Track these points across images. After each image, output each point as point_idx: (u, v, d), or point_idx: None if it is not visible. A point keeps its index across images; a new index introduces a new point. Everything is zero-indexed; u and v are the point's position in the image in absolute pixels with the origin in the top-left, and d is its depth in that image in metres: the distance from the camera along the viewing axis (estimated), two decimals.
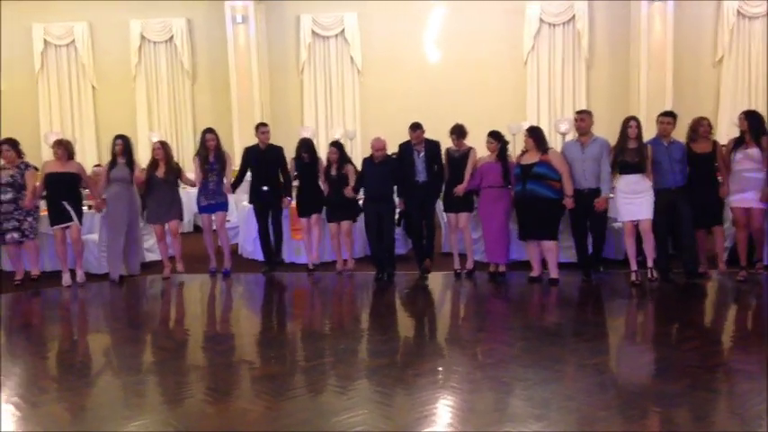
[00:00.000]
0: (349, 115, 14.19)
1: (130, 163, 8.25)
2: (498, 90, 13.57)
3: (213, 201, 8.39)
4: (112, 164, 8.22)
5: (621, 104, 12.77)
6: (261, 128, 8.55)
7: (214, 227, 8.53)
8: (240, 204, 9.67)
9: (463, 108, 12.29)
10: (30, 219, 8.10)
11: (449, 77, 13.41)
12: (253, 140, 8.68)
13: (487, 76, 13.53)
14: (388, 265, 7.97)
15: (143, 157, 10.80)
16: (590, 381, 4.61)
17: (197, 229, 10.98)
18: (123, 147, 8.21)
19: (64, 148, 8.12)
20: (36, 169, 8.28)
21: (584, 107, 13.40)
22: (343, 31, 14.08)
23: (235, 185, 8.64)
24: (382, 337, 5.99)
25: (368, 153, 8.23)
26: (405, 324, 6.71)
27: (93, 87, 14.77)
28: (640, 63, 12.81)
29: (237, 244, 9.65)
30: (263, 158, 8.44)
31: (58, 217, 8.05)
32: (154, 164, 8.25)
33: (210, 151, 8.31)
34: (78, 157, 11.77)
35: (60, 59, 14.74)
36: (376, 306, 7.35)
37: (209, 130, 8.41)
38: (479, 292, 7.63)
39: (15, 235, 8.02)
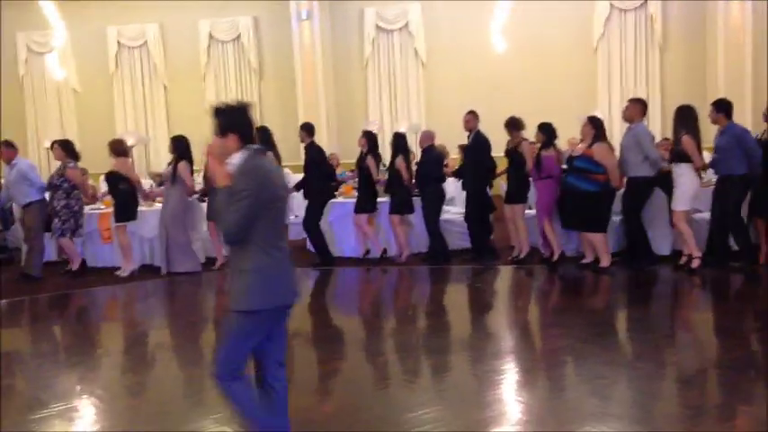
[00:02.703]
0: (414, 108, 14.12)
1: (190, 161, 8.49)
2: (567, 78, 13.21)
3: None
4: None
5: (698, 90, 12.22)
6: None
7: None
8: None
9: (530, 98, 12.07)
10: (57, 218, 8.34)
11: (515, 67, 13.14)
12: (318, 136, 8.77)
13: (556, 65, 13.19)
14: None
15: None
16: (671, 378, 4.44)
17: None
18: (172, 147, 8.47)
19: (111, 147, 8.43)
20: (77, 167, 8.51)
21: (657, 94, 12.98)
22: (407, 23, 13.99)
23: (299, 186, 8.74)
24: (453, 331, 5.94)
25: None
26: (474, 318, 6.63)
27: (164, 87, 15.15)
28: (717, 46, 12.24)
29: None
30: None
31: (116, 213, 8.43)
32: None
33: None
34: (152, 156, 12.24)
35: (133, 60, 15.18)
36: (443, 299, 7.33)
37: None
38: (539, 284, 7.57)
39: (65, 231, 8.33)
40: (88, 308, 7.67)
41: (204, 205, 8.64)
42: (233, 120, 3.06)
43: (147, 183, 9.92)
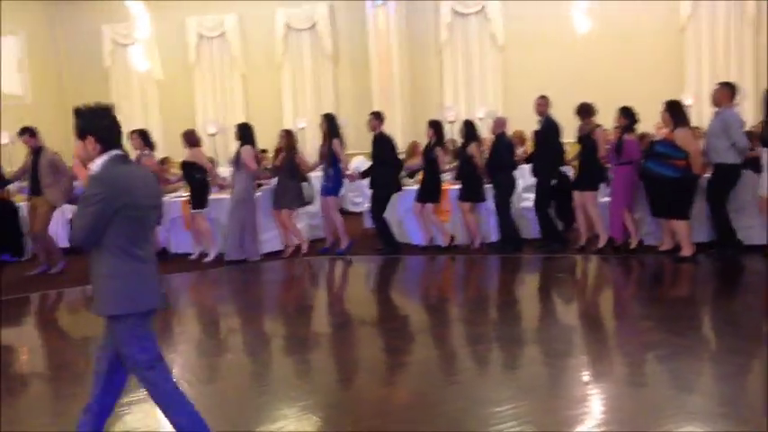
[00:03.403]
0: (490, 94, 13.84)
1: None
2: (652, 62, 12.66)
3: (327, 184, 8.64)
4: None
5: None
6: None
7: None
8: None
9: (613, 82, 11.64)
10: None
11: (597, 50, 12.64)
12: (392, 122, 8.71)
13: (640, 47, 12.64)
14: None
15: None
16: None
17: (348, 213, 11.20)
18: (237, 133, 8.62)
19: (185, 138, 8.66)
20: (154, 156, 8.75)
21: (750, 75, 12.28)
22: (483, 7, 13.69)
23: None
24: (530, 322, 5.77)
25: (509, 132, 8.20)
26: (553, 309, 6.43)
27: (242, 76, 15.36)
28: None
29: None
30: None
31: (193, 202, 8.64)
32: (278, 152, 8.55)
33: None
34: (232, 145, 12.19)
35: (212, 51, 15.45)
36: (517, 289, 7.17)
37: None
38: (618, 273, 7.33)
39: None
40: (165, 294, 7.82)
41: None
42: (91, 123, 3.06)
43: (226, 171, 10.06)
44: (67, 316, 7.26)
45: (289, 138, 8.61)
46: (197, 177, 8.52)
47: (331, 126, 8.59)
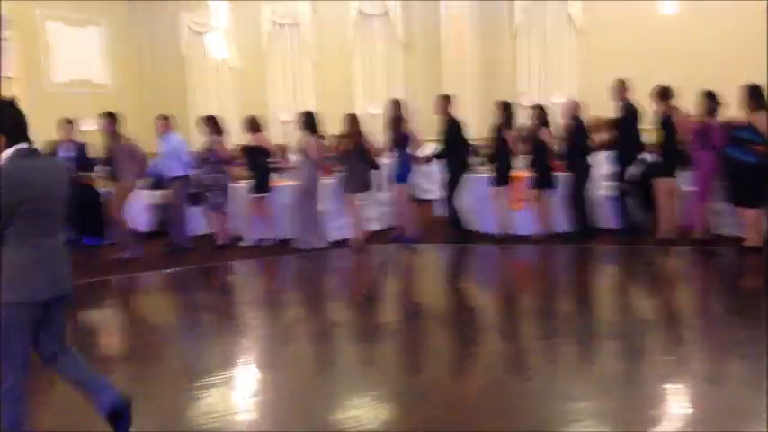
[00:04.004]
0: (566, 79, 13.43)
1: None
2: (738, 44, 11.99)
3: (397, 171, 8.55)
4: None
5: None
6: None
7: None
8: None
9: (698, 65, 11.06)
10: (210, 192, 8.69)
11: (684, 31, 12.04)
12: (464, 108, 8.57)
13: (726, 29, 12.00)
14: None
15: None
16: None
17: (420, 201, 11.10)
18: (300, 122, 8.65)
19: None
20: (223, 142, 8.85)
21: None
22: None
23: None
24: (605, 316, 5.56)
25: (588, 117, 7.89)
26: (630, 302, 6.18)
27: (314, 63, 15.43)
28: None
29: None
30: None
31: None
32: (343, 137, 8.50)
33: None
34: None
35: (285, 38, 15.57)
36: (591, 280, 6.94)
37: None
38: (698, 265, 7.00)
39: (215, 205, 8.79)
40: (232, 280, 7.94)
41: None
42: None
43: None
44: (135, 300, 7.47)
45: (354, 122, 8.56)
46: (258, 163, 8.61)
47: (400, 112, 8.51)
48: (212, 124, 8.75)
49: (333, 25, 15.04)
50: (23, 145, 3.14)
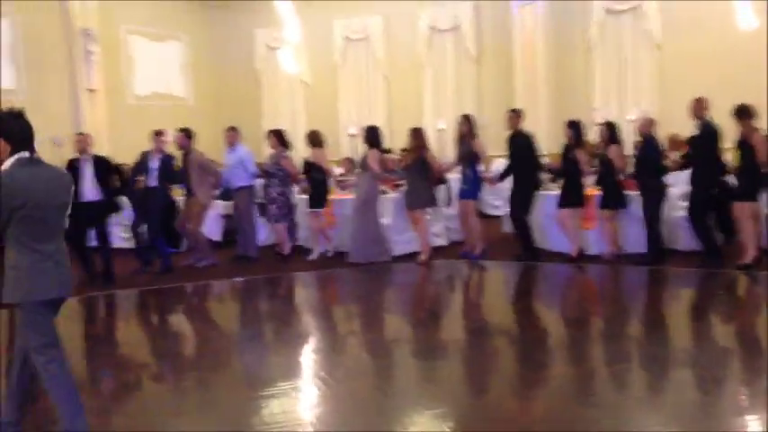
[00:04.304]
0: (645, 95, 13.06)
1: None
2: None
3: (465, 187, 8.46)
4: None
5: None
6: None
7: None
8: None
9: None
10: (274, 205, 8.77)
11: (763, 48, 11.57)
12: (536, 124, 8.41)
13: None
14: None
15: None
16: None
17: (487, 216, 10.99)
18: (364, 136, 8.71)
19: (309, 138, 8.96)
20: (289, 156, 8.96)
21: None
22: (638, 5, 12.96)
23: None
24: (678, 342, 5.31)
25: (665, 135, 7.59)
26: (714, 330, 5.89)
27: (385, 78, 15.53)
28: None
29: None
30: None
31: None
32: (407, 151, 8.48)
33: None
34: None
35: (357, 53, 15.74)
36: (665, 305, 6.65)
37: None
38: None
39: (280, 217, 8.87)
40: (294, 291, 8.00)
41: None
42: (3, 127, 3.34)
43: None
44: (210, 306, 7.62)
45: (417, 137, 8.52)
46: (315, 177, 8.72)
47: (470, 127, 8.43)
48: (279, 137, 8.91)
49: (404, 40, 15.12)
50: (25, 154, 3.34)
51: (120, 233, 9.71)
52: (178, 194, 9.61)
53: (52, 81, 13.24)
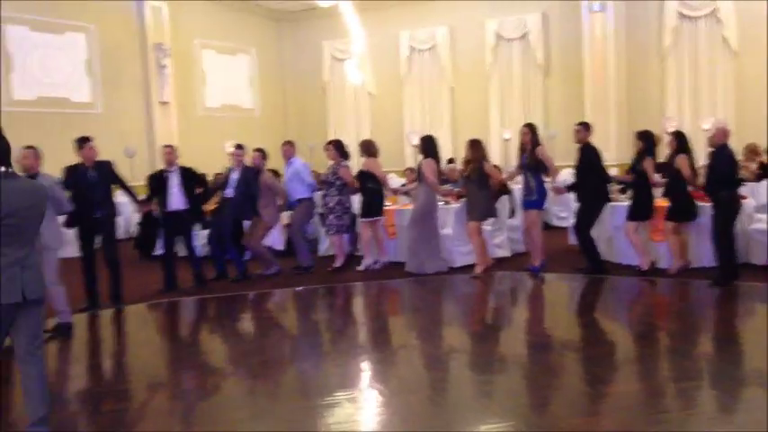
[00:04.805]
0: (720, 103, 12.56)
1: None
2: None
3: (529, 197, 8.22)
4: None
5: None
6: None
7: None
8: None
9: None
10: (332, 215, 8.77)
11: None
12: (606, 134, 8.14)
13: None
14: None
15: (494, 156, 10.89)
16: None
17: (552, 228, 10.73)
18: (420, 146, 8.60)
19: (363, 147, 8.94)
20: (348, 166, 8.93)
21: None
22: (714, 9, 12.50)
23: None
24: (754, 362, 5.00)
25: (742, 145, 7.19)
26: None
27: (450, 87, 15.46)
28: None
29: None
30: None
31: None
32: (467, 162, 8.33)
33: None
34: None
35: (423, 63, 15.74)
36: (747, 323, 6.28)
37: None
38: None
39: (339, 228, 8.86)
40: (350, 301, 7.95)
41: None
42: None
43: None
44: (275, 314, 7.68)
45: (476, 148, 8.38)
46: (369, 187, 8.69)
47: (533, 136, 8.25)
48: (337, 148, 8.95)
49: (470, 49, 15.04)
50: (1, 168, 3.61)
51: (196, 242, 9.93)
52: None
53: (127, 94, 13.76)
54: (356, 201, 9.17)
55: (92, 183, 7.14)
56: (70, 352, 6.14)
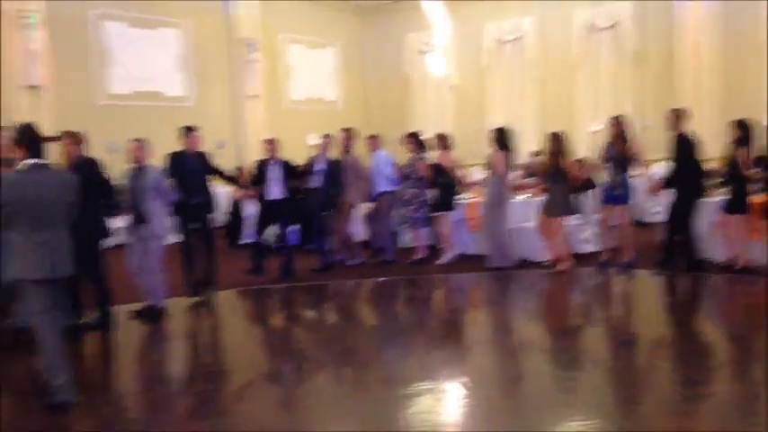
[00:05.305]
0: None
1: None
2: None
3: (614, 191, 7.95)
4: None
5: None
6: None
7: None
8: None
9: None
10: (410, 207, 8.74)
11: None
12: (700, 126, 7.80)
13: None
14: None
15: (582, 149, 10.61)
16: None
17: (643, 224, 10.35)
18: (492, 138, 8.38)
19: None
20: (425, 159, 8.86)
21: None
22: None
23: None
24: None
25: None
26: None
27: (535, 79, 15.17)
28: None
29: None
30: None
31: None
32: (550, 156, 8.10)
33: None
34: (521, 147, 12.29)
35: (508, 55, 15.51)
36: None
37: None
38: None
39: (415, 220, 8.87)
40: (428, 293, 7.93)
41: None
42: (22, 137, 4.16)
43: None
44: (355, 304, 7.77)
45: (554, 142, 8.14)
46: (442, 181, 8.64)
47: (621, 129, 7.96)
48: (415, 141, 8.94)
49: (558, 40, 14.71)
50: (33, 160, 4.08)
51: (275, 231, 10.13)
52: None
53: (216, 88, 14.19)
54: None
55: (193, 169, 7.43)
56: (164, 334, 6.42)
